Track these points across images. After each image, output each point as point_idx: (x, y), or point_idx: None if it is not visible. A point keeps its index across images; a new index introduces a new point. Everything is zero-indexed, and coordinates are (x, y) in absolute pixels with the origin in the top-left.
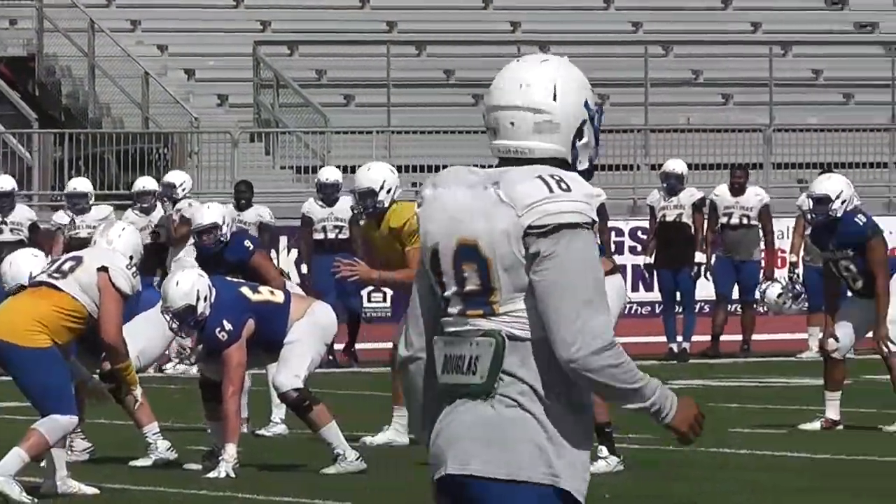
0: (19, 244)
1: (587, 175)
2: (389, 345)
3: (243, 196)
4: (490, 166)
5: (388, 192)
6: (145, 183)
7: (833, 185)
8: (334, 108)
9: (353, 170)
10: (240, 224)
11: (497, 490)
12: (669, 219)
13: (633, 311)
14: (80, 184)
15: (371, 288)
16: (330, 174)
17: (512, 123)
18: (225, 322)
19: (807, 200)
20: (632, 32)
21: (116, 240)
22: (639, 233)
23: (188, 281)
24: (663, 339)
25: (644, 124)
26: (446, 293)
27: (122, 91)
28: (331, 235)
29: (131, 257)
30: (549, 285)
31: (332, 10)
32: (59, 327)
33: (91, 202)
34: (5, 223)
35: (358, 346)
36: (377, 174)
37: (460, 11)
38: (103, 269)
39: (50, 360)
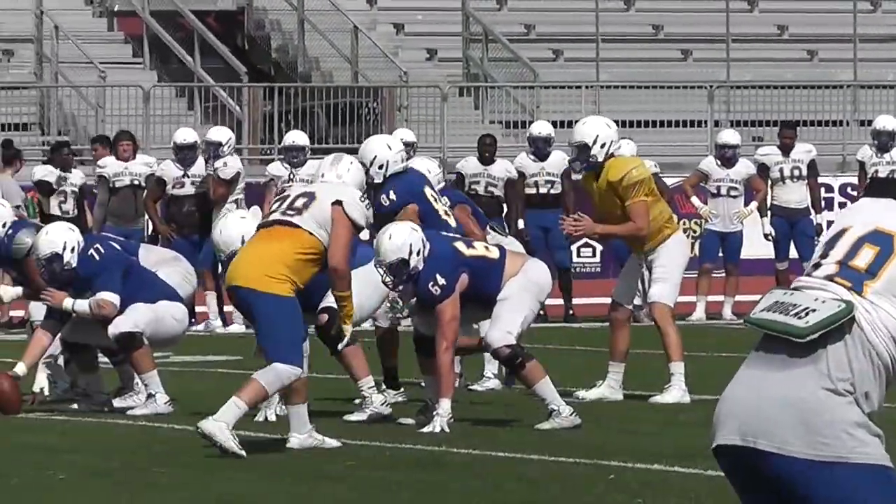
0: (203, 196)
1: None
2: (600, 300)
3: (488, 150)
4: (695, 122)
5: (603, 146)
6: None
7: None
8: (543, 63)
9: (563, 125)
10: (489, 179)
11: (817, 471)
12: (882, 174)
13: None
14: (298, 137)
15: (581, 243)
16: (542, 128)
17: None
18: (438, 276)
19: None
20: None
21: (345, 174)
22: (848, 188)
23: (401, 234)
24: None
25: (853, 80)
26: (822, 261)
27: (331, 45)
28: (542, 190)
29: (362, 191)
30: None
31: None
32: (299, 266)
33: (307, 156)
34: (186, 176)
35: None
36: (591, 129)
37: None
38: (338, 202)
39: (287, 309)
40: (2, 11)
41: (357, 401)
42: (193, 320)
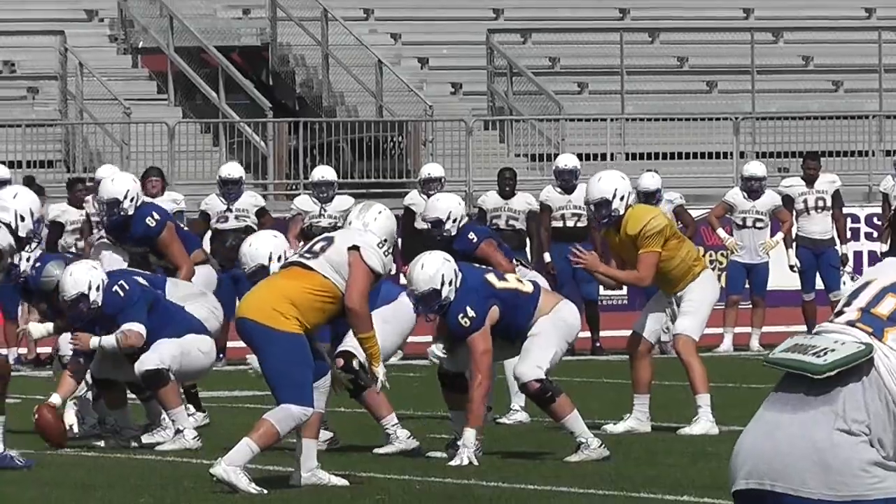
0: (246, 230)
1: None
2: (627, 332)
3: (507, 183)
4: (720, 154)
5: (622, 199)
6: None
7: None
8: (568, 96)
9: (589, 157)
10: (510, 212)
11: None
12: None
13: None
14: (327, 172)
15: None
16: (568, 161)
17: None
18: (468, 308)
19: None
20: (865, 18)
21: (372, 222)
22: (874, 219)
23: (434, 264)
24: None
25: (879, 110)
26: (845, 308)
27: (355, 79)
28: (569, 223)
29: (385, 240)
30: None
31: None
32: (309, 307)
33: (335, 191)
34: (230, 210)
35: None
36: (608, 184)
37: None
38: (354, 247)
39: (294, 346)
40: (27, 49)
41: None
42: (221, 356)
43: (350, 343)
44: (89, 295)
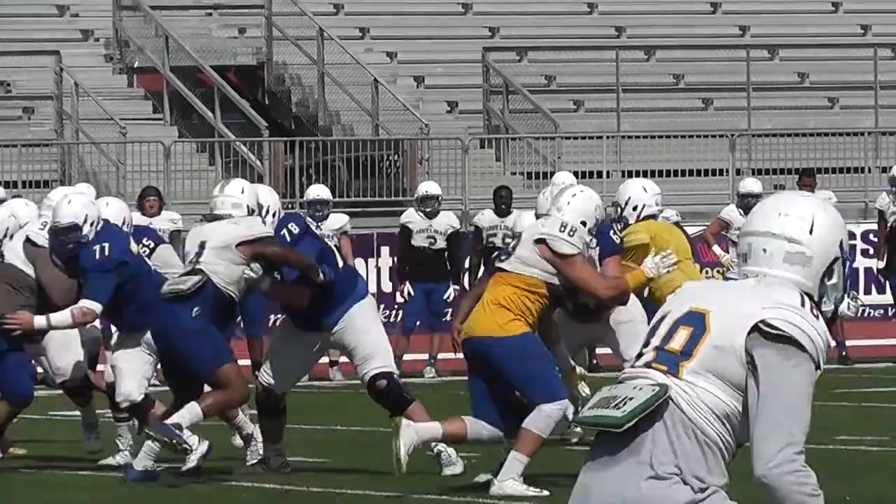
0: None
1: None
2: None
3: (504, 201)
4: (717, 171)
5: (634, 209)
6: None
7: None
8: (564, 114)
9: (585, 175)
10: (506, 230)
11: None
12: None
13: (866, 315)
14: (322, 191)
15: None
16: (565, 179)
17: (765, 250)
18: None
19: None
20: (861, 35)
21: (565, 206)
22: (870, 235)
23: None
24: None
25: (874, 127)
26: (643, 350)
27: (351, 98)
28: None
29: (567, 223)
30: (763, 393)
31: (560, 15)
32: (522, 304)
33: (330, 209)
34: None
35: None
36: (624, 190)
37: (689, 16)
38: (540, 241)
39: (528, 345)
40: (22, 69)
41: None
42: None
43: (382, 365)
44: (83, 228)
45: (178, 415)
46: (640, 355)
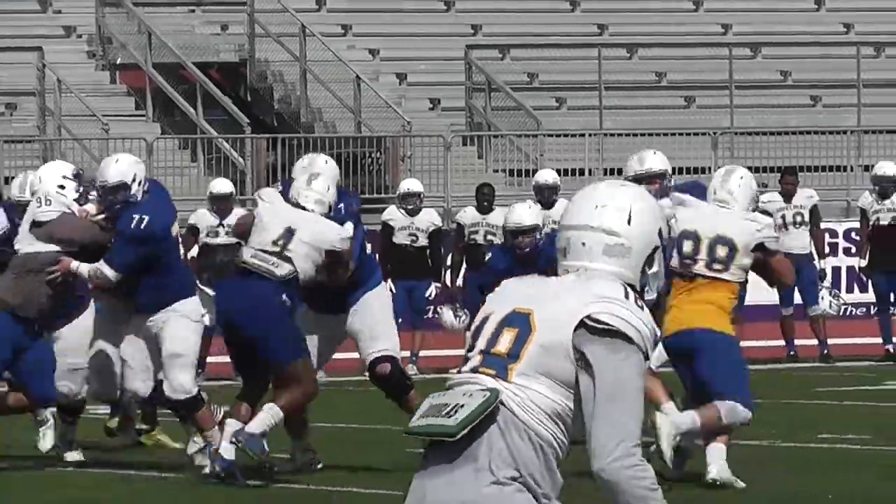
0: (237, 246)
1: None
2: None
3: (486, 199)
4: (699, 169)
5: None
6: (410, 185)
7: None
8: (546, 111)
9: (567, 173)
10: (487, 227)
11: None
12: (884, 222)
13: (848, 313)
14: None
15: None
16: (548, 176)
17: (583, 244)
18: None
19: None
20: (843, 34)
21: (736, 189)
22: (853, 234)
23: None
24: (879, 340)
25: (857, 125)
26: (468, 354)
27: (333, 95)
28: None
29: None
30: (594, 388)
31: (543, 13)
32: (727, 310)
33: None
34: (222, 225)
35: None
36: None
37: (671, 14)
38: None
39: (737, 348)
40: (4, 65)
41: None
42: (200, 371)
43: (384, 347)
44: (131, 187)
45: (260, 421)
46: (466, 360)
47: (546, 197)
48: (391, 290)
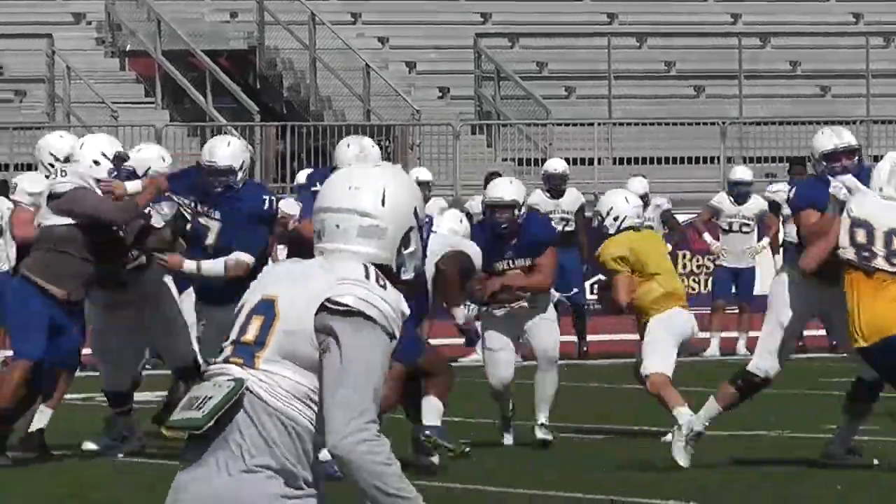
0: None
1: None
2: (612, 336)
3: None
4: (707, 159)
5: (615, 219)
6: (419, 173)
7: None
8: (555, 101)
9: (576, 162)
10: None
11: None
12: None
13: None
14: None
15: (593, 280)
16: (557, 165)
17: (338, 226)
18: None
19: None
20: (853, 24)
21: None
22: None
23: None
24: None
25: (866, 115)
26: (223, 344)
27: (343, 83)
28: (557, 228)
29: None
30: (332, 368)
31: (552, 2)
32: None
33: None
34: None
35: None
36: (606, 200)
37: (681, 3)
38: None
39: None
40: (14, 52)
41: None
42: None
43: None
44: (237, 173)
45: (429, 416)
46: (221, 350)
47: (555, 186)
48: None
